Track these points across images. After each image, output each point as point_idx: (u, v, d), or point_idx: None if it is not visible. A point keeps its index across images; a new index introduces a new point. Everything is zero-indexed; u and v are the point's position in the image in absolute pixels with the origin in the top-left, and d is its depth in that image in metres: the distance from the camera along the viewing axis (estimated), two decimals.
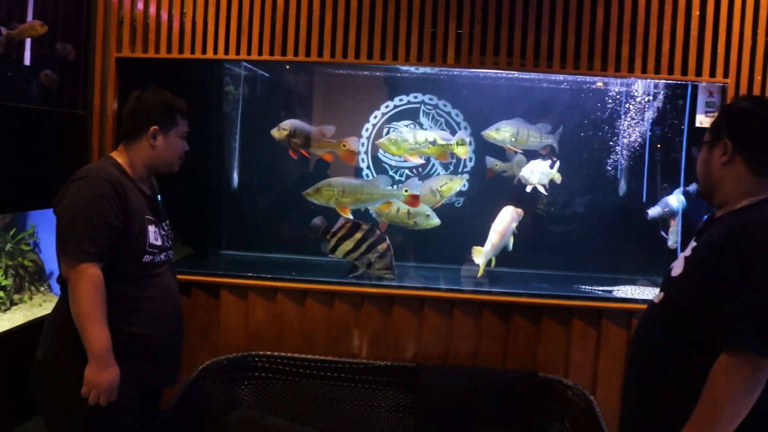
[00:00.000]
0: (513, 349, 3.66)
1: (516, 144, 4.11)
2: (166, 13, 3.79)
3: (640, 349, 2.26)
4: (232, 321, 3.76)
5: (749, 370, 1.88)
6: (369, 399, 3.51)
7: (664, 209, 4.14)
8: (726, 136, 2.12)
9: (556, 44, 3.66)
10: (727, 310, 1.94)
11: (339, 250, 3.89)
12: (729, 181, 2.13)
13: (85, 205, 2.53)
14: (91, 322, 2.48)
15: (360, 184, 4.01)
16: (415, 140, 4.00)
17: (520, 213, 4.06)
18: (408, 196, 3.99)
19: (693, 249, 2.13)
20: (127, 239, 2.60)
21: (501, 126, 4.10)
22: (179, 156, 2.84)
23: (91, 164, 2.71)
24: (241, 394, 3.51)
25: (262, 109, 4.70)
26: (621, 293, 3.86)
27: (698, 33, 3.63)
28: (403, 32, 3.70)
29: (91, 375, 2.49)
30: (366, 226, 3.88)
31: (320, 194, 3.98)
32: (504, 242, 4.00)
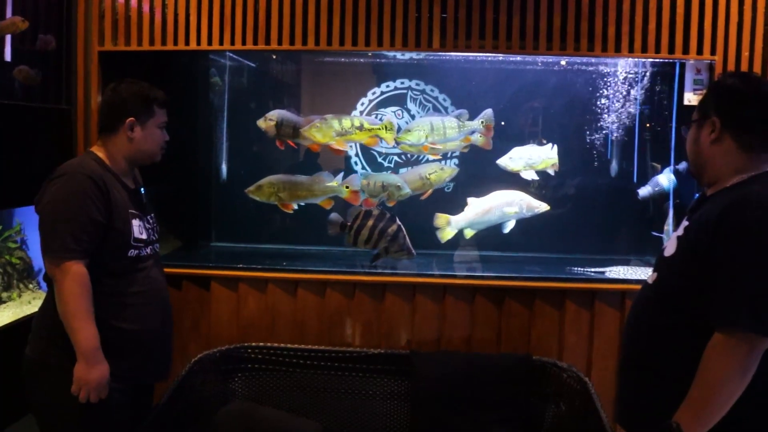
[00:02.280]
0: (507, 333, 3.65)
1: (434, 140, 3.96)
2: (147, 5, 3.75)
3: (634, 330, 2.27)
4: (224, 313, 3.74)
5: (744, 349, 1.88)
6: (363, 387, 3.49)
7: (654, 188, 4.13)
8: (714, 114, 2.11)
9: (542, 25, 3.63)
10: (720, 289, 1.93)
11: (359, 241, 3.85)
12: (719, 159, 2.12)
13: (66, 202, 2.52)
14: (78, 319, 2.48)
15: (300, 181, 3.96)
16: (341, 126, 3.91)
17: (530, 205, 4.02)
18: (349, 192, 3.97)
19: (685, 228, 2.12)
20: (111, 234, 2.59)
21: (412, 126, 3.95)
22: (159, 146, 2.81)
23: (71, 160, 2.69)
24: (235, 386, 3.49)
25: (249, 99, 4.67)
26: (613, 274, 3.85)
27: (684, 11, 3.61)
28: (387, 18, 3.67)
29: (80, 372, 2.49)
30: (376, 211, 3.85)
31: (261, 191, 3.94)
32: (482, 220, 4.00)
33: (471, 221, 4.01)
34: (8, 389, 3.13)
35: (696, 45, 3.62)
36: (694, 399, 1.95)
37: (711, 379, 1.92)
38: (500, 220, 4.02)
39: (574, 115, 4.40)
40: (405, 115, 4.46)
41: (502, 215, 4.01)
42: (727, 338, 1.90)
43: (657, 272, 2.21)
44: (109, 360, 2.55)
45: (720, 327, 1.92)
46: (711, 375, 1.92)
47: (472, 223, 4.02)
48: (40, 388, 2.60)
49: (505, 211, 4.00)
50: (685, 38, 3.62)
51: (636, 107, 4.35)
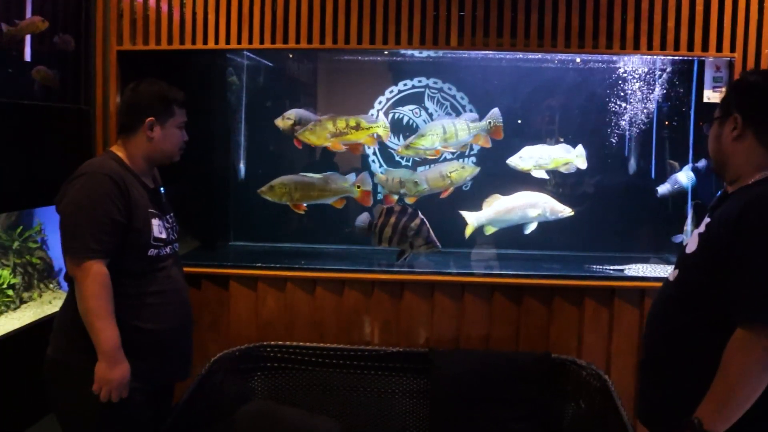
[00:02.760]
0: (525, 331, 3.65)
1: (446, 143, 3.95)
2: (165, 5, 3.77)
3: (655, 327, 2.26)
4: (243, 312, 3.75)
5: (765, 344, 1.88)
6: (382, 386, 3.51)
7: (673, 186, 4.12)
8: (736, 111, 2.11)
9: (560, 23, 3.63)
10: (742, 285, 1.93)
11: (383, 239, 3.83)
12: (740, 156, 2.12)
13: (87, 202, 2.53)
14: (99, 319, 2.49)
15: (312, 182, 3.95)
16: (335, 127, 3.90)
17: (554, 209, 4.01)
18: (360, 192, 3.97)
19: (707, 225, 2.12)
20: (131, 234, 2.60)
21: (425, 131, 3.95)
22: (178, 146, 2.82)
23: (91, 160, 2.70)
24: (254, 384, 3.52)
25: (266, 98, 4.69)
26: (632, 272, 3.83)
27: (704, 8, 3.60)
28: (405, 16, 3.67)
29: (101, 372, 2.50)
30: (398, 207, 3.83)
31: (274, 192, 3.94)
32: (504, 219, 4.00)
33: (492, 219, 4.01)
34: (30, 389, 3.15)
35: (715, 42, 3.60)
36: (715, 394, 1.94)
37: (732, 374, 1.91)
38: (522, 220, 4.01)
39: (592, 114, 4.37)
40: (423, 114, 4.47)
41: (524, 216, 4.00)
42: (748, 334, 1.90)
43: (678, 269, 2.21)
44: (130, 360, 2.55)
45: (741, 323, 1.92)
46: (732, 370, 1.91)
47: (493, 220, 4.01)
48: (62, 388, 2.61)
49: (528, 213, 3.99)
50: (704, 35, 3.61)
51: (655, 105, 4.33)
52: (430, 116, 4.45)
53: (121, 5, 3.78)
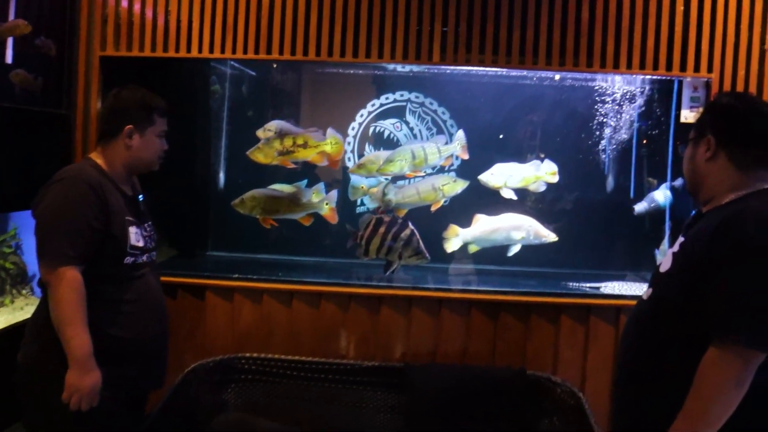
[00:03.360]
0: (501, 347, 3.65)
1: (415, 168, 3.94)
2: (150, 11, 3.78)
3: (629, 345, 2.26)
4: (219, 323, 3.73)
5: (739, 362, 1.89)
6: (358, 399, 3.50)
7: (650, 204, 4.17)
8: (709, 132, 2.13)
9: (542, 41, 3.68)
10: (716, 304, 1.93)
11: (370, 250, 3.83)
12: (714, 176, 2.13)
13: (63, 207, 2.51)
14: (71, 326, 2.46)
15: (281, 196, 3.95)
16: (282, 145, 3.88)
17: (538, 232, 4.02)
18: (329, 210, 3.97)
19: (681, 244, 2.13)
20: (107, 241, 2.58)
21: (393, 157, 3.91)
22: (157, 155, 2.80)
23: (69, 166, 2.68)
24: (228, 396, 3.50)
25: (249, 108, 4.68)
26: (609, 290, 3.85)
27: (682, 29, 3.67)
28: (388, 30, 3.71)
29: (72, 379, 2.46)
30: (387, 217, 3.82)
31: (244, 205, 3.92)
32: (488, 239, 4.00)
33: (477, 237, 4.02)
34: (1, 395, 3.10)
35: (693, 63, 3.67)
36: (689, 411, 1.95)
37: (706, 391, 1.92)
38: (506, 242, 4.02)
39: (573, 131, 4.42)
40: (404, 127, 4.49)
41: (508, 238, 4.01)
42: (723, 351, 1.90)
43: (653, 288, 2.21)
44: (103, 367, 2.53)
45: (717, 341, 1.92)
46: (706, 387, 1.92)
47: (478, 239, 4.02)
48: (32, 395, 2.58)
49: (512, 235, 4.00)
50: (682, 56, 3.67)
51: (634, 123, 4.39)
52: (411, 130, 4.48)
53: (106, 11, 3.78)
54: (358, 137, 4.54)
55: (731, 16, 3.65)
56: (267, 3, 3.73)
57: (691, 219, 2.26)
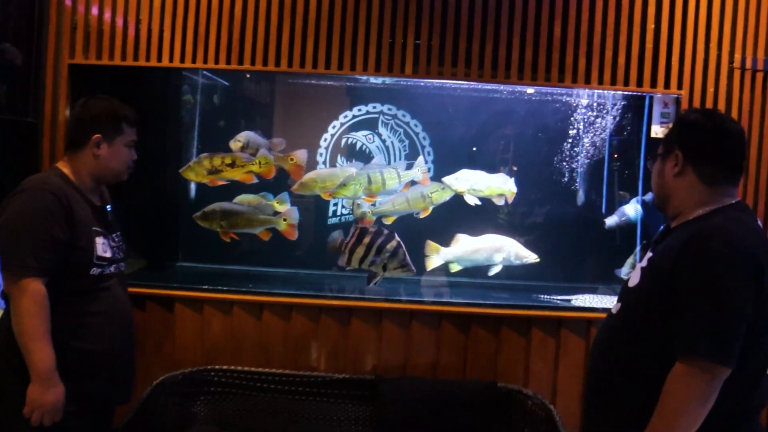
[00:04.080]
0: (473, 359, 3.65)
1: (371, 192, 3.93)
2: (121, 20, 3.75)
3: (598, 359, 2.28)
4: (188, 335, 3.69)
5: (705, 378, 1.91)
6: (328, 412, 3.49)
7: (621, 218, 4.22)
8: (677, 148, 2.16)
9: (514, 56, 3.71)
10: (682, 319, 1.96)
11: (353, 259, 3.79)
12: (682, 191, 2.16)
13: (27, 218, 2.48)
14: (33, 339, 2.42)
15: (241, 211, 3.95)
16: (211, 164, 3.88)
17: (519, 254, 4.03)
18: (286, 225, 3.95)
19: (649, 259, 2.16)
20: (73, 252, 2.55)
21: (347, 181, 3.90)
22: (126, 165, 2.76)
23: (35, 175, 2.66)
24: (197, 409, 3.47)
25: (221, 118, 4.66)
26: (580, 302, 3.87)
27: (653, 46, 3.72)
28: (361, 42, 3.71)
29: (34, 394, 2.43)
30: (373, 228, 3.80)
31: (205, 218, 3.93)
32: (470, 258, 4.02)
33: (459, 257, 4.03)
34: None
35: (663, 79, 3.72)
36: (655, 427, 1.96)
37: (672, 407, 1.94)
38: (487, 262, 4.03)
39: (544, 145, 4.46)
40: (376, 139, 4.50)
41: (489, 258, 4.02)
42: (689, 367, 1.92)
43: (621, 302, 2.24)
44: (68, 382, 2.49)
45: (681, 356, 1.94)
46: (672, 403, 1.94)
47: (459, 258, 4.03)
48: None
49: (493, 256, 4.02)
50: (653, 72, 3.72)
51: (605, 138, 4.44)
52: (383, 142, 4.49)
53: (75, 18, 3.75)
54: (331, 148, 4.54)
55: (701, 34, 3.71)
56: (239, 13, 3.72)
57: (659, 234, 2.28)
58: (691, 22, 3.71)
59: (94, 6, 3.74)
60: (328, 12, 3.71)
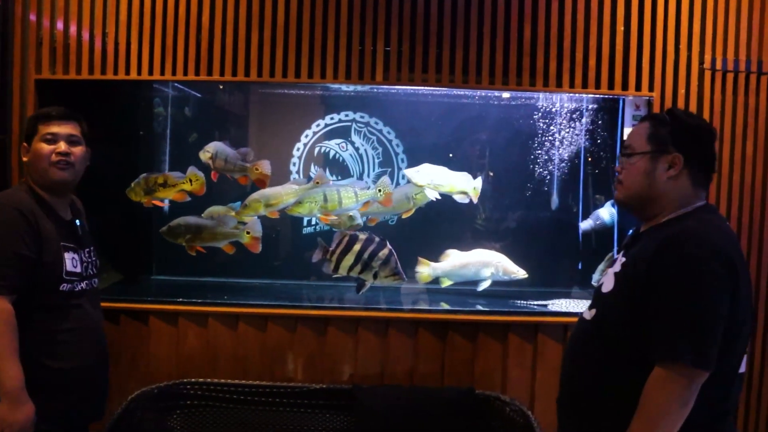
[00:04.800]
0: (450, 366, 3.64)
1: (326, 211, 3.86)
2: (87, 33, 3.72)
3: (573, 366, 2.28)
4: (163, 348, 3.66)
5: (684, 382, 1.92)
6: (306, 423, 3.46)
7: (595, 222, 4.22)
8: (676, 151, 2.13)
9: (485, 60, 3.70)
10: (659, 323, 1.97)
11: (341, 267, 3.73)
12: (672, 194, 2.15)
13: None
14: (1, 358, 2.40)
15: (205, 224, 3.94)
16: (146, 184, 3.89)
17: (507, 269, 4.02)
18: (249, 239, 3.94)
19: (623, 264, 2.15)
20: (40, 269, 2.52)
21: (303, 198, 3.83)
22: (47, 160, 2.65)
23: (1, 192, 2.64)
24: (174, 423, 3.42)
25: (193, 129, 4.63)
26: (556, 307, 3.88)
27: (623, 48, 3.72)
28: (330, 50, 3.70)
29: (4, 414, 2.41)
30: (363, 235, 3.74)
31: (171, 233, 3.94)
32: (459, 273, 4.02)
33: (448, 272, 4.02)
34: None
35: (635, 81, 3.72)
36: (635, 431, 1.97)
37: (652, 411, 1.94)
38: (475, 277, 4.03)
39: (518, 149, 4.45)
40: (349, 147, 4.49)
41: (477, 273, 4.02)
42: (668, 371, 1.93)
43: (596, 308, 2.23)
44: (40, 400, 2.48)
45: (660, 360, 1.95)
46: (652, 407, 1.94)
47: (449, 273, 4.03)
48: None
49: (481, 271, 4.01)
50: (624, 75, 3.72)
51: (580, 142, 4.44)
52: (356, 150, 4.49)
53: (41, 33, 3.72)
54: (304, 158, 4.53)
55: (671, 36, 3.72)
56: (207, 23, 3.70)
57: (630, 238, 2.28)
58: (661, 24, 3.72)
59: (59, 20, 3.71)
60: (297, 20, 3.69)
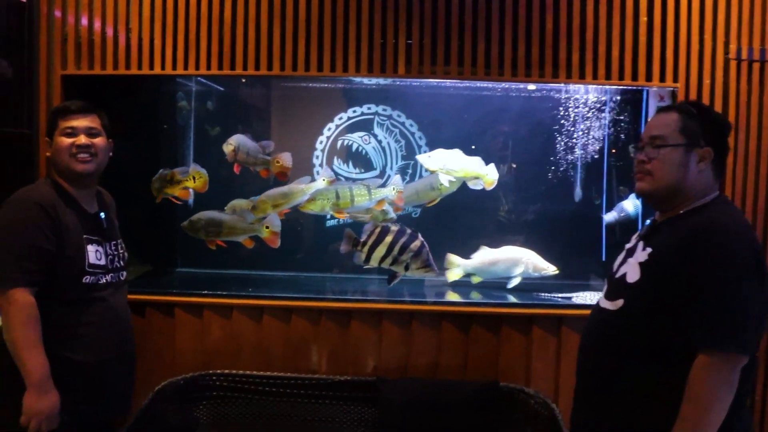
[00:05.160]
0: (473, 359, 3.66)
1: (338, 208, 3.91)
2: (111, 29, 3.78)
3: (594, 357, 2.31)
4: (188, 340, 3.71)
5: (728, 367, 2.00)
6: (330, 414, 3.52)
7: (620, 214, 4.23)
8: (706, 144, 2.19)
9: (507, 52, 3.70)
10: (698, 313, 2.02)
11: (373, 258, 3.76)
12: (699, 185, 2.22)
13: (10, 229, 2.54)
14: (25, 349, 2.47)
15: (224, 219, 4.00)
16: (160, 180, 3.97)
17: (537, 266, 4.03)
18: (269, 233, 3.98)
19: (650, 255, 2.18)
20: (62, 262, 2.57)
21: (315, 195, 3.91)
22: (68, 153, 2.70)
23: (25, 187, 2.70)
24: (199, 414, 3.50)
25: (216, 123, 4.68)
26: (580, 299, 3.88)
27: (647, 38, 3.70)
28: (352, 44, 3.72)
29: (30, 403, 2.47)
30: (395, 227, 3.77)
31: (192, 226, 4.00)
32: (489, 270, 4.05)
33: (478, 268, 4.06)
34: None
35: (659, 72, 3.70)
36: (686, 420, 2.01)
37: (703, 398, 1.99)
38: (506, 274, 4.05)
39: (541, 141, 4.45)
40: (372, 140, 4.52)
41: (507, 270, 4.04)
42: (711, 359, 1.99)
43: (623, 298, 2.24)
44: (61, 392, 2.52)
45: (703, 348, 2.01)
46: (701, 394, 1.99)
47: (479, 270, 4.06)
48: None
49: (512, 268, 4.04)
50: (647, 65, 3.70)
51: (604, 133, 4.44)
52: (379, 143, 4.52)
53: (66, 29, 3.79)
54: (327, 151, 4.56)
55: (695, 26, 3.68)
56: (229, 18, 3.74)
57: (647, 229, 2.33)
58: (685, 14, 3.69)
59: (84, 17, 3.78)
60: (318, 14, 3.72)
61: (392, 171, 4.51)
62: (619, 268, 2.31)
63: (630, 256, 2.28)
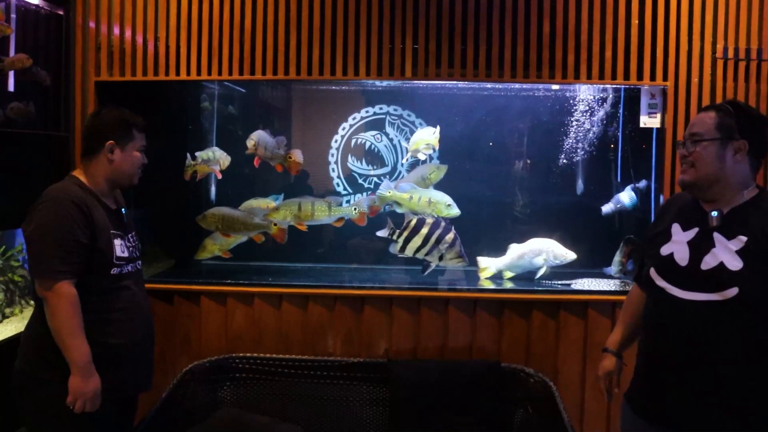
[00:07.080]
0: (478, 342, 3.80)
1: (299, 219, 4.16)
2: (141, 38, 3.96)
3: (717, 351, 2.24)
4: (213, 326, 3.88)
5: None
6: (344, 394, 3.65)
7: (616, 205, 4.34)
8: (742, 138, 2.31)
9: (506, 55, 3.85)
10: None
11: (408, 248, 3.93)
12: (737, 176, 2.33)
13: (52, 226, 2.62)
14: (71, 337, 2.59)
15: (236, 215, 4.19)
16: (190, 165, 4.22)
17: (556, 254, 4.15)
18: (276, 230, 4.16)
19: (748, 242, 2.24)
20: (95, 254, 2.69)
21: (281, 204, 4.17)
22: (137, 168, 2.89)
23: (54, 185, 2.78)
24: (224, 394, 3.65)
25: (238, 123, 4.83)
26: (578, 286, 4.00)
27: (638, 40, 3.83)
28: (363, 48, 3.89)
29: (76, 385, 2.59)
30: (431, 219, 3.92)
31: (206, 220, 4.19)
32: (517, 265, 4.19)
33: (508, 265, 4.20)
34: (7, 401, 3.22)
35: (649, 71, 3.83)
36: None
37: None
38: (531, 266, 4.18)
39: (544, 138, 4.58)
40: (383, 138, 4.67)
41: (532, 262, 4.17)
42: None
43: (736, 287, 2.21)
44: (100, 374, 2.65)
45: None
46: None
47: (508, 266, 4.20)
48: (33, 401, 2.70)
49: (535, 259, 4.16)
50: (639, 65, 3.83)
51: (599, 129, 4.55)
52: (390, 141, 4.66)
53: (99, 38, 3.97)
54: (341, 149, 4.70)
55: (683, 26, 3.81)
56: (249, 26, 3.92)
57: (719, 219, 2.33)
58: (674, 15, 3.81)
59: (116, 26, 3.96)
60: (331, 22, 3.89)
61: (403, 167, 4.64)
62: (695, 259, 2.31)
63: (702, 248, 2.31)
